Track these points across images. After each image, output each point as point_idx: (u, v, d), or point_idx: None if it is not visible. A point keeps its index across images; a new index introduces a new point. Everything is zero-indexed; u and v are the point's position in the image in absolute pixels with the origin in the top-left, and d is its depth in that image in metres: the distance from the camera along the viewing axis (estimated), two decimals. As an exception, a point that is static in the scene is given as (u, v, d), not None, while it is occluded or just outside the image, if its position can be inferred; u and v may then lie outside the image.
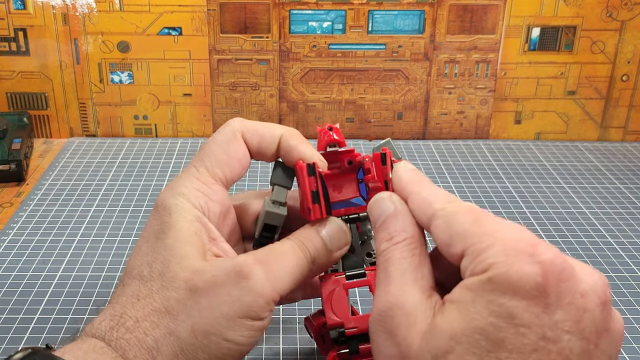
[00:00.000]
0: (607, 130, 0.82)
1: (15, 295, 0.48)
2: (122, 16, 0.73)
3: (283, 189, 0.36)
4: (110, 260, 0.53)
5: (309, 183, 0.33)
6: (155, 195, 0.64)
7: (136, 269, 0.32)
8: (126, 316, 0.30)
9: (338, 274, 0.35)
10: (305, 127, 0.80)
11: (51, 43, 0.74)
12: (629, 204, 0.65)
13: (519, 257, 0.24)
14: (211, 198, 0.34)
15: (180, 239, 0.31)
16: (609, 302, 0.26)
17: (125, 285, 0.32)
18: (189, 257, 0.31)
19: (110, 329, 0.30)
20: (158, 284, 0.31)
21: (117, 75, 0.76)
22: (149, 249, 0.32)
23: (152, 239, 0.32)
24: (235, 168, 0.35)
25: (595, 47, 0.77)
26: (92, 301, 0.47)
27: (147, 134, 0.79)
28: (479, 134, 0.81)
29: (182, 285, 0.30)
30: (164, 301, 0.30)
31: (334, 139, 0.35)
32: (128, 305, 0.30)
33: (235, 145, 0.35)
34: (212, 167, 0.34)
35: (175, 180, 0.34)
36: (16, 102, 0.76)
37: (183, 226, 0.32)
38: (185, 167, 0.35)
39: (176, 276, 0.30)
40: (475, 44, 0.77)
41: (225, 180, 0.35)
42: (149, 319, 0.30)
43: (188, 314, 0.30)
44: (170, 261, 0.31)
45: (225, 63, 0.76)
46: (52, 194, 0.63)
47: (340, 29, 0.75)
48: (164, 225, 0.32)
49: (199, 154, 0.35)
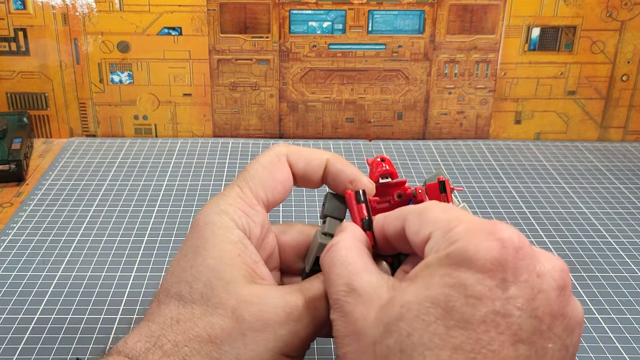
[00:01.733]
0: (607, 130, 0.82)
1: (15, 295, 0.48)
2: (122, 16, 0.73)
3: (335, 220, 0.35)
4: (110, 260, 0.53)
5: (358, 211, 0.33)
6: (155, 196, 0.64)
7: (174, 287, 0.31)
8: (164, 339, 0.29)
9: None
10: (305, 127, 0.80)
11: (51, 43, 0.74)
12: (629, 204, 0.65)
13: (479, 234, 0.25)
14: (253, 219, 0.33)
15: (224, 261, 0.31)
16: (567, 288, 0.26)
17: (162, 303, 0.31)
18: (235, 282, 0.30)
19: (146, 350, 0.29)
20: (201, 308, 0.30)
21: (117, 75, 0.76)
22: (188, 266, 0.31)
23: (191, 256, 0.31)
24: (278, 191, 0.34)
25: (595, 47, 0.77)
26: (91, 301, 0.47)
27: (147, 134, 0.79)
28: (479, 134, 0.81)
29: (229, 314, 0.29)
30: (208, 328, 0.29)
31: (387, 170, 0.35)
32: (166, 327, 0.30)
33: (280, 168, 0.35)
34: (256, 189, 0.34)
35: (218, 196, 0.34)
36: (16, 102, 0.76)
37: (226, 247, 0.31)
38: (228, 186, 0.34)
39: (222, 303, 0.30)
40: (475, 44, 0.77)
41: (267, 203, 0.34)
42: (190, 345, 0.29)
43: (232, 345, 0.29)
44: (214, 285, 0.30)
45: (225, 63, 0.76)
46: (52, 194, 0.63)
47: (340, 29, 0.75)
48: (206, 242, 0.31)
49: (243, 175, 0.35)
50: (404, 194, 0.35)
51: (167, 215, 0.60)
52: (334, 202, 0.35)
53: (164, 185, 0.66)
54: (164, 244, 0.55)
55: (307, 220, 0.60)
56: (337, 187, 0.35)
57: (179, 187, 0.66)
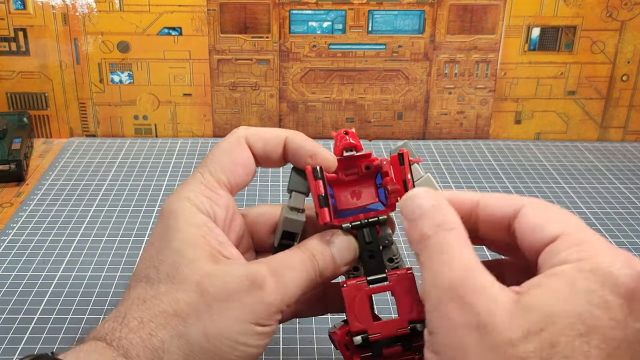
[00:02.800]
0: (607, 130, 0.82)
1: (15, 295, 0.48)
2: (122, 16, 0.73)
3: (300, 195, 0.35)
4: (110, 260, 0.53)
5: (316, 186, 0.33)
6: (155, 196, 0.64)
7: (143, 272, 0.32)
8: (130, 317, 0.30)
9: (359, 279, 0.34)
10: (305, 127, 0.80)
11: (51, 43, 0.74)
12: (629, 204, 0.65)
13: (621, 259, 0.26)
14: (217, 203, 0.34)
15: (188, 242, 0.31)
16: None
17: (131, 288, 0.32)
18: (198, 260, 0.31)
19: (113, 329, 0.30)
20: (166, 286, 0.31)
21: (117, 75, 0.76)
22: (155, 252, 0.32)
23: (158, 243, 0.32)
24: (239, 174, 0.35)
25: (595, 47, 0.77)
26: (91, 301, 0.47)
27: (147, 134, 0.79)
28: (479, 134, 0.81)
29: (193, 288, 0.30)
30: (173, 303, 0.30)
31: (351, 143, 0.35)
32: (133, 306, 0.30)
33: (239, 151, 0.35)
34: (217, 173, 0.34)
35: (181, 185, 0.35)
36: (16, 102, 0.76)
37: (189, 230, 0.32)
38: (191, 174, 0.35)
39: (186, 279, 0.30)
40: (475, 44, 0.77)
41: (230, 186, 0.35)
42: (155, 320, 0.30)
43: (198, 317, 0.30)
44: (179, 264, 0.31)
45: (225, 63, 0.76)
46: (52, 194, 0.63)
47: (340, 29, 0.75)
48: (170, 228, 0.32)
49: (204, 161, 0.35)
50: (371, 165, 0.35)
51: (167, 215, 0.60)
52: (298, 177, 0.35)
53: (164, 185, 0.66)
54: (164, 244, 0.55)
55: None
56: (298, 162, 0.35)
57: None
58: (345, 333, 0.34)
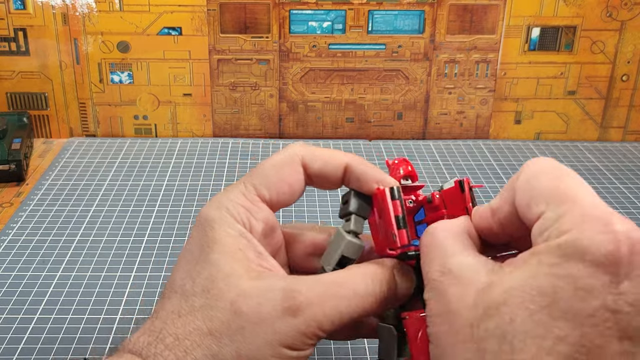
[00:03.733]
0: (607, 130, 0.82)
1: (15, 295, 0.48)
2: (122, 16, 0.73)
3: (361, 219, 0.33)
4: (110, 260, 0.53)
5: (394, 207, 0.32)
6: (155, 196, 0.64)
7: (178, 282, 0.31)
8: (165, 332, 0.29)
9: (420, 311, 0.31)
10: (305, 127, 0.80)
11: (51, 43, 0.74)
12: (629, 204, 0.65)
13: (593, 224, 0.24)
14: (254, 215, 0.33)
15: (225, 254, 0.31)
16: None
17: (165, 298, 0.31)
18: (235, 276, 0.30)
19: (148, 344, 0.29)
20: (201, 300, 0.30)
21: (117, 75, 0.76)
22: (192, 262, 0.31)
23: (197, 252, 0.32)
24: (284, 191, 0.34)
25: (595, 47, 0.77)
26: (91, 301, 0.47)
27: (147, 134, 0.79)
28: (479, 134, 0.81)
29: (228, 306, 0.29)
30: (207, 321, 0.29)
31: (410, 171, 0.34)
32: (168, 321, 0.30)
33: (290, 168, 0.34)
34: (260, 186, 0.34)
35: (221, 193, 0.34)
36: (16, 102, 0.76)
37: (228, 241, 0.31)
38: (234, 183, 0.35)
39: (221, 295, 0.30)
40: (475, 44, 0.77)
41: (271, 202, 0.34)
42: (190, 338, 0.29)
43: (232, 339, 0.29)
44: (215, 277, 0.30)
45: (225, 63, 0.76)
46: (52, 194, 0.63)
47: (340, 29, 0.75)
48: (208, 239, 0.32)
49: (251, 171, 0.35)
50: (415, 200, 0.34)
51: (167, 215, 0.60)
52: (360, 200, 0.34)
53: (164, 185, 0.66)
54: (164, 244, 0.55)
55: (307, 221, 0.60)
56: (362, 188, 0.34)
57: (179, 187, 0.66)
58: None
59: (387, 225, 0.32)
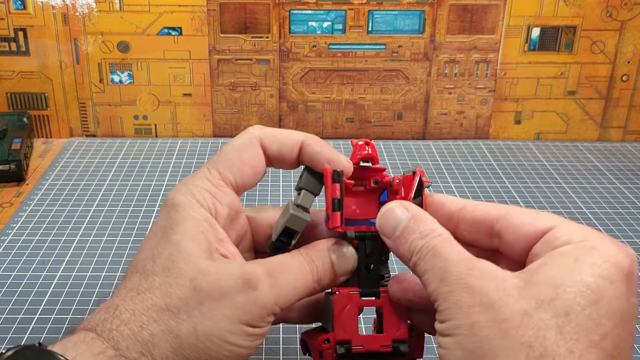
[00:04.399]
0: (607, 130, 0.82)
1: (15, 295, 0.48)
2: (122, 16, 0.73)
3: (310, 194, 0.35)
4: (110, 260, 0.53)
5: (332, 189, 0.33)
6: (155, 196, 0.64)
7: (140, 263, 0.32)
8: (122, 308, 0.30)
9: (352, 289, 0.34)
10: (305, 127, 0.80)
11: (51, 43, 0.74)
12: (629, 204, 0.65)
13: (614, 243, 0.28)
14: (219, 200, 0.34)
15: (186, 236, 0.31)
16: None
17: (127, 278, 0.32)
18: (195, 255, 0.31)
19: (104, 320, 0.30)
20: (161, 279, 0.31)
21: (117, 75, 0.76)
22: (155, 244, 0.32)
23: (159, 234, 0.32)
24: (247, 174, 0.35)
25: (595, 47, 0.77)
26: (92, 301, 0.47)
27: (147, 134, 0.79)
28: (479, 134, 0.81)
29: (187, 283, 0.30)
30: (165, 297, 0.30)
31: (369, 154, 0.35)
32: (127, 298, 0.30)
33: (251, 151, 0.35)
34: (224, 171, 0.34)
35: (187, 178, 0.35)
36: (16, 102, 0.76)
37: (190, 224, 0.32)
38: (199, 168, 0.35)
39: (181, 273, 0.30)
40: (475, 44, 0.77)
41: (236, 185, 0.35)
42: (147, 314, 0.30)
43: (189, 314, 0.30)
44: (175, 257, 0.31)
45: (225, 63, 0.76)
46: (52, 194, 0.63)
47: (340, 29, 0.75)
48: (171, 221, 0.32)
49: (214, 157, 0.35)
50: (380, 181, 0.35)
51: (167, 215, 0.60)
52: (311, 177, 0.35)
53: (164, 185, 0.66)
54: (164, 244, 0.55)
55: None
56: (315, 167, 0.35)
57: (179, 187, 0.66)
58: (323, 340, 0.33)
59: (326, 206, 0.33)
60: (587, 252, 0.27)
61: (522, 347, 0.25)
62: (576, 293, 0.26)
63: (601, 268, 0.26)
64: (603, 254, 0.27)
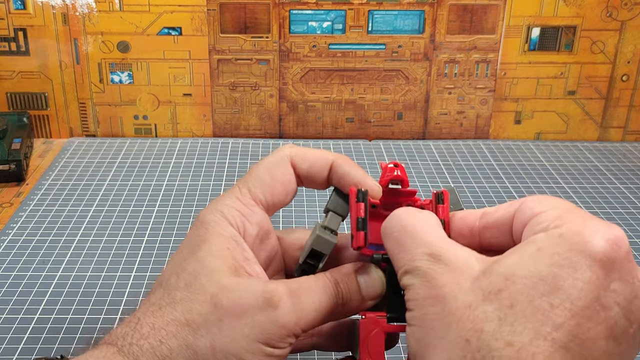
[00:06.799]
0: (607, 130, 0.82)
1: (15, 295, 0.48)
2: (122, 16, 0.73)
3: (337, 216, 0.34)
4: (110, 260, 0.53)
5: (356, 209, 0.33)
6: (155, 196, 0.64)
7: (165, 278, 0.32)
8: (143, 322, 0.30)
9: (379, 313, 0.33)
10: (305, 127, 0.80)
11: (51, 43, 0.74)
12: (629, 204, 0.65)
13: (595, 224, 0.26)
14: (249, 219, 0.33)
15: (212, 253, 0.31)
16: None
17: (151, 293, 0.32)
18: (218, 272, 0.31)
19: (125, 334, 0.29)
20: (182, 294, 0.30)
21: (117, 75, 0.76)
22: (181, 260, 0.32)
23: (186, 251, 0.32)
24: (278, 192, 0.35)
25: (595, 47, 0.78)
26: (91, 301, 0.47)
27: (147, 134, 0.79)
28: (479, 134, 0.81)
29: (207, 299, 0.30)
30: (186, 313, 0.30)
31: (398, 176, 0.34)
32: (148, 312, 0.30)
33: (282, 169, 0.35)
34: (255, 189, 0.34)
35: (218, 198, 0.34)
36: (16, 102, 0.76)
37: (217, 240, 0.32)
38: (230, 187, 0.35)
39: (202, 289, 0.30)
40: (475, 44, 0.77)
41: (267, 204, 0.34)
42: (167, 328, 0.29)
43: (208, 330, 0.29)
44: (199, 273, 0.31)
45: (225, 63, 0.76)
46: (52, 194, 0.63)
47: (340, 29, 0.75)
48: (199, 238, 0.32)
49: (245, 176, 0.35)
50: (413, 204, 0.34)
51: (167, 215, 0.60)
52: (339, 198, 0.35)
53: (164, 185, 0.66)
54: (164, 244, 0.55)
55: (307, 224, 0.60)
56: (343, 188, 0.35)
57: (179, 187, 0.66)
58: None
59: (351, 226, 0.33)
60: (553, 240, 0.26)
61: (459, 340, 0.25)
62: (526, 284, 0.25)
63: (562, 257, 0.25)
64: (570, 241, 0.25)
